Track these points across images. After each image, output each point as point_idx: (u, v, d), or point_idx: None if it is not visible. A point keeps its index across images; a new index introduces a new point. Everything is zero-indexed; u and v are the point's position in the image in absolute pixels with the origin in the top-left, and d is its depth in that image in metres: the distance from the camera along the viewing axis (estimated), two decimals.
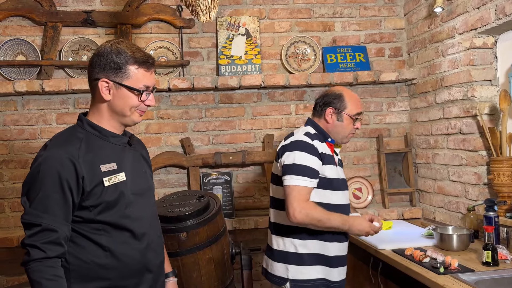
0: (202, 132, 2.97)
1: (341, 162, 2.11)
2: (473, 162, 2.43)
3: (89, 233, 1.42)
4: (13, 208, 2.79)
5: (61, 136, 1.48)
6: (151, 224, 1.56)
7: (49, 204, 1.35)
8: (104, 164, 1.44)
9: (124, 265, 1.45)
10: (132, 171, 1.52)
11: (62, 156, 1.38)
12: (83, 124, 1.50)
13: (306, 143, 1.91)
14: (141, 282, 1.50)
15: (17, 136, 2.80)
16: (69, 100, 2.84)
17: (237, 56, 2.94)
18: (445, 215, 2.70)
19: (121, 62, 1.45)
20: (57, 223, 1.36)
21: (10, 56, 2.75)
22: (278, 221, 2.00)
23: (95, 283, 1.42)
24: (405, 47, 3.14)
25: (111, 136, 1.51)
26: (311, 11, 3.07)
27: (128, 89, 1.46)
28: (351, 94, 2.04)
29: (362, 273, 2.50)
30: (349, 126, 2.00)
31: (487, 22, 2.26)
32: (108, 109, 1.49)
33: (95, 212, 1.41)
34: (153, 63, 1.52)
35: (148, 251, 1.52)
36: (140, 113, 1.52)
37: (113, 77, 1.45)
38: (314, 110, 2.07)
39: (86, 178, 1.39)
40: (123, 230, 1.46)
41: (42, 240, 1.33)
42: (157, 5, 2.88)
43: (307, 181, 1.84)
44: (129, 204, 1.47)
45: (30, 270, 1.33)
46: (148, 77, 1.49)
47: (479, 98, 2.40)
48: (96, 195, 1.41)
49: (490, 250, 1.88)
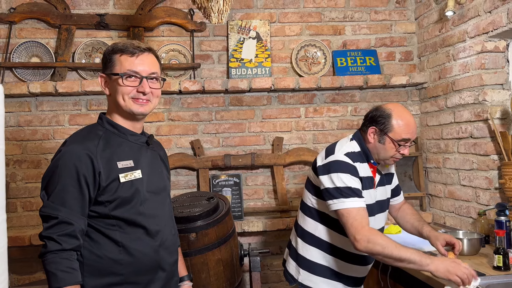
0: (212, 134, 2.99)
1: (390, 178, 2.00)
2: (484, 167, 2.41)
3: (104, 229, 1.45)
4: (26, 208, 2.83)
5: (80, 133, 1.52)
6: (166, 223, 1.58)
7: (66, 198, 1.39)
8: (121, 161, 1.47)
9: (137, 261, 1.47)
10: (149, 170, 1.55)
11: (80, 151, 1.41)
12: (103, 122, 1.54)
13: (347, 164, 1.76)
14: (154, 280, 1.51)
15: (30, 136, 2.84)
16: (81, 101, 2.88)
17: (247, 59, 2.96)
18: (455, 220, 2.68)
19: (107, 54, 1.52)
20: (74, 216, 1.39)
21: (25, 57, 2.80)
22: (302, 224, 1.96)
23: (108, 278, 1.44)
24: (415, 51, 3.13)
25: (130, 134, 1.55)
26: (322, 15, 3.08)
27: (113, 75, 1.50)
28: (403, 116, 1.79)
29: (371, 277, 2.49)
30: (391, 150, 1.80)
31: (499, 26, 2.25)
32: (113, 104, 1.54)
33: (110, 208, 1.44)
34: (138, 47, 1.51)
35: (162, 249, 1.53)
36: (135, 101, 1.50)
37: (104, 70, 1.53)
38: (362, 123, 1.91)
39: (102, 173, 1.42)
40: (137, 227, 1.48)
41: (59, 233, 1.36)
42: (169, 8, 2.91)
43: (357, 202, 1.71)
44: (144, 202, 1.49)
45: (46, 262, 1.36)
46: (131, 62, 1.49)
47: (491, 102, 2.38)
48: (111, 190, 1.43)
49: (501, 255, 1.87)
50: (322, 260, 1.88)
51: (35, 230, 2.76)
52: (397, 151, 1.81)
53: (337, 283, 1.88)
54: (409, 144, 1.83)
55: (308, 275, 1.89)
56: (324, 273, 1.88)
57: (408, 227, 2.08)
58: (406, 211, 2.11)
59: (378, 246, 1.64)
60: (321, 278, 1.88)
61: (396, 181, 2.09)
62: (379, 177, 1.92)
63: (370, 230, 1.69)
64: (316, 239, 1.89)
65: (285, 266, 2.03)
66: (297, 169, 3.04)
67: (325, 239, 1.87)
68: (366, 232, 1.67)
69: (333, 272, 1.88)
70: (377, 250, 1.65)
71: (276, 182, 2.95)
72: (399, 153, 1.82)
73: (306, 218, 1.93)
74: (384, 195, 1.95)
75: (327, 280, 1.88)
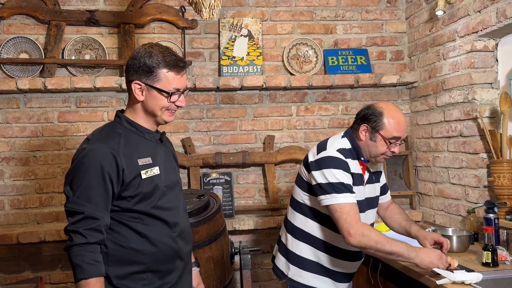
0: (203, 132, 2.98)
1: (378, 176, 2.02)
2: (474, 165, 2.43)
3: (127, 221, 1.52)
4: (13, 206, 2.79)
5: (102, 131, 1.59)
6: (182, 215, 1.66)
7: (91, 194, 1.45)
8: (141, 158, 1.55)
9: (158, 250, 1.55)
10: (164, 166, 1.62)
11: (104, 149, 1.48)
12: (121, 121, 1.60)
13: (340, 159, 1.78)
14: (174, 268, 1.60)
15: (18, 133, 2.81)
16: (71, 98, 2.85)
17: (239, 57, 2.96)
18: (445, 218, 2.70)
19: (152, 66, 1.54)
20: (99, 212, 1.45)
21: (13, 53, 2.77)
22: (291, 220, 1.97)
23: (132, 267, 1.52)
24: (406, 51, 3.15)
25: (146, 133, 1.61)
26: (313, 14, 3.09)
27: (158, 91, 1.55)
28: (394, 115, 1.83)
29: (361, 274, 2.49)
30: (382, 148, 1.83)
31: (488, 25, 2.27)
32: (142, 108, 1.59)
33: (132, 202, 1.51)
34: (184, 66, 1.59)
35: (180, 239, 1.61)
36: (170, 113, 1.61)
37: (145, 79, 1.55)
38: (354, 121, 1.93)
39: (126, 170, 1.49)
40: (157, 219, 1.55)
41: (84, 227, 1.43)
42: (161, 5, 2.90)
43: (350, 197, 1.74)
44: (162, 196, 1.57)
45: (72, 254, 1.42)
46: (178, 80, 1.57)
47: (480, 101, 2.41)
48: (134, 186, 1.51)
49: (490, 251, 1.88)
50: (312, 256, 1.88)
51: (22, 229, 2.72)
52: (388, 148, 1.84)
53: (327, 279, 1.89)
54: (399, 142, 1.86)
55: (298, 270, 1.90)
56: (314, 269, 1.88)
57: (396, 227, 2.10)
58: (393, 211, 2.13)
59: (372, 240, 1.69)
60: (311, 273, 1.88)
61: (384, 179, 2.11)
62: (368, 174, 1.94)
63: (363, 225, 1.73)
64: (306, 234, 1.89)
65: (274, 262, 2.03)
66: (288, 167, 3.04)
67: (315, 234, 1.88)
68: (360, 227, 1.70)
69: (323, 268, 1.88)
70: (370, 245, 1.69)
71: (267, 181, 2.95)
72: (390, 151, 1.85)
73: (296, 214, 1.94)
74: (373, 193, 1.97)
75: (317, 275, 1.88)
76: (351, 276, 1.97)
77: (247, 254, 2.35)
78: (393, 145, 1.84)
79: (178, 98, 1.59)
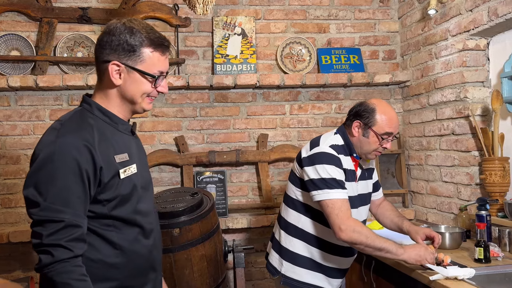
0: (197, 131, 2.97)
1: (371, 173, 2.04)
2: (466, 163, 2.45)
3: (100, 229, 1.29)
4: (4, 205, 2.75)
5: (71, 120, 1.31)
6: (156, 220, 1.47)
7: (69, 197, 1.20)
8: (118, 154, 1.32)
9: (133, 264, 1.34)
10: (139, 163, 1.41)
11: (78, 142, 1.23)
12: (91, 108, 1.35)
13: (332, 155, 1.79)
14: (147, 281, 1.41)
15: (9, 131, 2.78)
16: (63, 96, 2.83)
17: (232, 56, 2.96)
18: (437, 216, 2.72)
19: (135, 44, 1.30)
20: (80, 218, 1.21)
21: (4, 51, 2.74)
22: (285, 217, 1.98)
23: (103, 284, 1.28)
24: (399, 50, 3.17)
25: (121, 124, 1.38)
26: (307, 13, 3.09)
27: (142, 74, 1.32)
28: (386, 111, 1.85)
29: (355, 272, 2.50)
30: (374, 144, 1.85)
31: (480, 24, 2.29)
32: (117, 94, 1.35)
33: (109, 207, 1.28)
34: (169, 45, 1.38)
35: (154, 248, 1.42)
36: (150, 100, 1.39)
37: (125, 60, 1.31)
38: (347, 118, 1.95)
39: (104, 168, 1.26)
40: (134, 226, 1.35)
41: (67, 238, 1.18)
42: (154, 3, 2.89)
43: (342, 193, 1.75)
44: (140, 199, 1.37)
45: (54, 272, 1.17)
46: (163, 62, 1.36)
47: (472, 99, 2.43)
48: (112, 187, 1.28)
49: (482, 247, 1.90)
50: (305, 252, 1.89)
51: (13, 228, 2.69)
52: (380, 144, 1.86)
53: (320, 274, 1.90)
54: (391, 138, 1.88)
55: (291, 266, 1.90)
56: (307, 265, 1.89)
57: (388, 223, 2.12)
58: (385, 207, 2.15)
59: (363, 236, 1.71)
60: (304, 269, 1.89)
61: (376, 176, 2.13)
62: (360, 171, 1.96)
63: (354, 221, 1.74)
64: (299, 230, 1.90)
65: (268, 259, 2.04)
66: (281, 166, 3.04)
67: (308, 230, 1.88)
68: (351, 223, 1.72)
69: (316, 263, 1.89)
70: (361, 240, 1.71)
71: (261, 179, 2.95)
72: (382, 147, 1.87)
73: (289, 210, 1.94)
74: (366, 189, 1.99)
75: (310, 271, 1.89)
76: (344, 272, 1.98)
77: (241, 252, 2.35)
78: (385, 141, 1.86)
79: (161, 83, 1.37)
